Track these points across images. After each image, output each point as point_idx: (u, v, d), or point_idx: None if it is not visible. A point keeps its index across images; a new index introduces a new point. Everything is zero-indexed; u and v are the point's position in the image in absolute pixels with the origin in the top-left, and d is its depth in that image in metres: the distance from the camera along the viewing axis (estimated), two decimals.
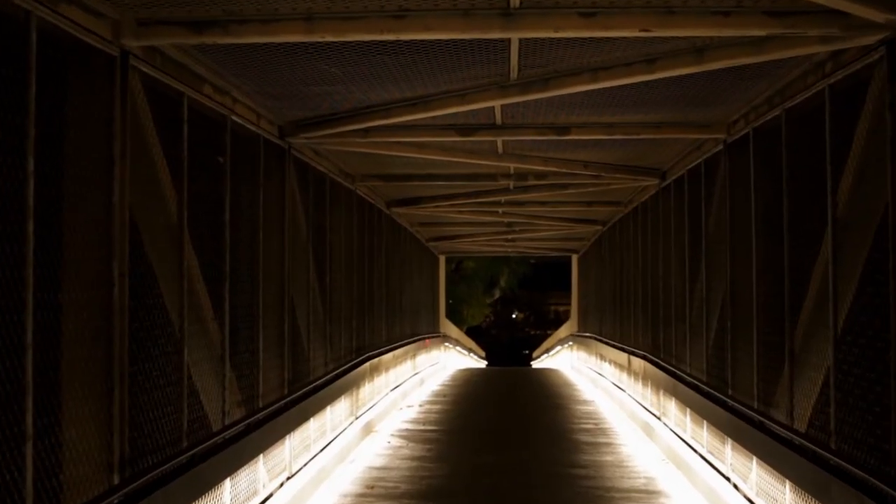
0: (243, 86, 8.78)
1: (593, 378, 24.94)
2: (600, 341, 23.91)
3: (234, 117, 9.01)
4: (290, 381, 11.19)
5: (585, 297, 31.27)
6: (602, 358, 23.95)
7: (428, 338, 27.34)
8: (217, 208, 8.64)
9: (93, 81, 6.17)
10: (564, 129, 11.08)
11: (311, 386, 11.74)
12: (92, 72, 6.18)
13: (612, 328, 22.51)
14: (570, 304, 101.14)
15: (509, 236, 27.82)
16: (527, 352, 71.14)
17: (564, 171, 14.26)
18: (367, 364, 15.96)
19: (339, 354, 14.52)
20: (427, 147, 12.65)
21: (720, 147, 11.34)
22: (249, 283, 9.61)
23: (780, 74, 8.70)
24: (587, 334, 27.97)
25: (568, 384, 25.65)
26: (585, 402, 20.74)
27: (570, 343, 34.36)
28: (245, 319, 9.45)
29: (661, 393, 15.10)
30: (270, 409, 9.77)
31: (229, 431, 8.27)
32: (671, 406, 14.32)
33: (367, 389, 16.69)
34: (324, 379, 12.52)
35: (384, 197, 19.13)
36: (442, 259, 35.34)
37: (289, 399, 10.54)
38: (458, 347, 38.70)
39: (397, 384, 20.80)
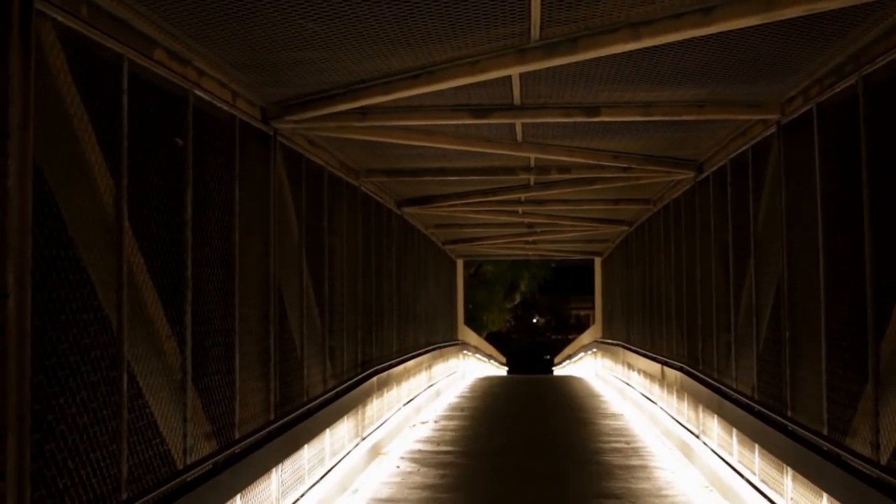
0: (208, 53, 7.28)
1: (620, 388, 23.38)
2: (627, 349, 22.35)
3: (198, 92, 7.51)
4: (279, 404, 9.68)
5: (610, 303, 29.68)
6: (630, 367, 22.38)
7: (444, 347, 25.82)
8: (175, 203, 7.15)
9: None
10: (593, 110, 9.53)
11: (305, 408, 10.23)
12: None
13: (640, 336, 20.94)
14: (591, 307, 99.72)
15: (530, 238, 26.27)
16: (548, 357, 69.89)
17: (591, 162, 12.72)
18: (375, 379, 14.45)
19: (342, 370, 13.02)
20: (436, 134, 11.14)
21: (772, 130, 9.77)
22: (221, 291, 8.10)
23: (855, 36, 7.17)
24: (613, 342, 26.39)
25: (593, 395, 24.08)
26: (614, 415, 19.18)
27: (594, 350, 32.79)
28: (216, 335, 7.94)
29: (701, 409, 13.55)
30: (249, 440, 8.26)
31: (190, 473, 6.77)
32: (713, 424, 12.76)
33: (374, 406, 15.19)
34: (321, 399, 11.01)
35: (394, 195, 17.63)
36: (460, 263, 33.81)
37: (275, 426, 9.03)
38: (477, 355, 37.22)
39: (410, 398, 19.30)
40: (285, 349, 10.16)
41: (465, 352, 32.61)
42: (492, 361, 42.60)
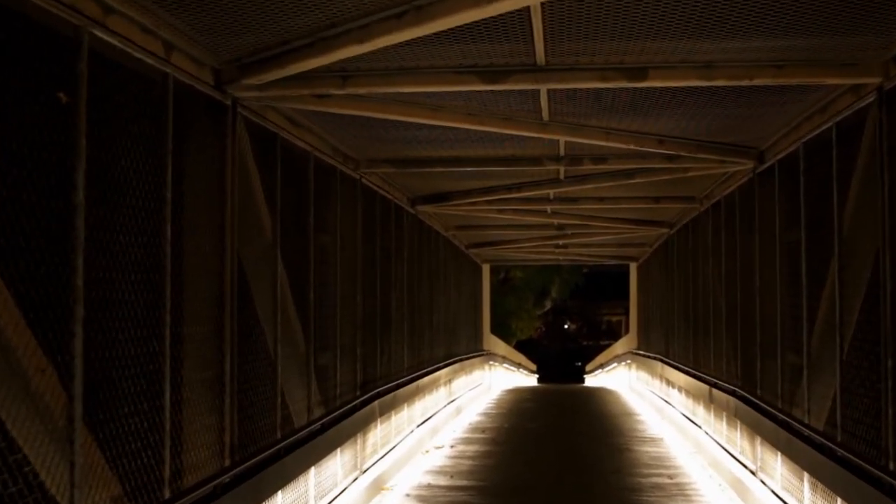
0: None
1: (658, 406, 21.23)
2: (666, 363, 20.20)
3: (100, 34, 5.50)
4: (237, 446, 7.65)
5: (646, 311, 27.49)
6: (669, 384, 20.24)
7: (467, 359, 23.74)
8: (57, 182, 5.13)
9: None
10: (639, 73, 7.45)
11: (276, 448, 8.20)
12: None
13: (682, 350, 18.80)
14: (623, 313, 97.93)
15: (560, 241, 24.15)
16: (579, 364, 68.03)
17: (632, 148, 10.64)
18: (376, 403, 12.40)
19: (335, 394, 10.98)
20: (443, 110, 9.08)
21: (869, 99, 7.65)
22: (141, 304, 6.08)
23: None
24: (650, 354, 24.23)
25: (629, 413, 21.92)
26: (653, 439, 17.04)
27: (629, 361, 30.63)
28: (131, 362, 5.91)
29: (760, 442, 11.43)
30: (185, 499, 6.25)
31: None
32: (775, 463, 10.65)
33: (378, 433, 13.15)
34: (301, 434, 8.97)
35: (405, 191, 15.59)
36: (486, 268, 31.70)
37: (229, 476, 7.00)
38: (505, 364, 35.19)
39: (425, 418, 17.25)
40: (249, 374, 8.13)
41: (490, 362, 30.54)
42: (521, 370, 40.66)
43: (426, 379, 17.06)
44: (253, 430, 8.12)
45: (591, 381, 47.34)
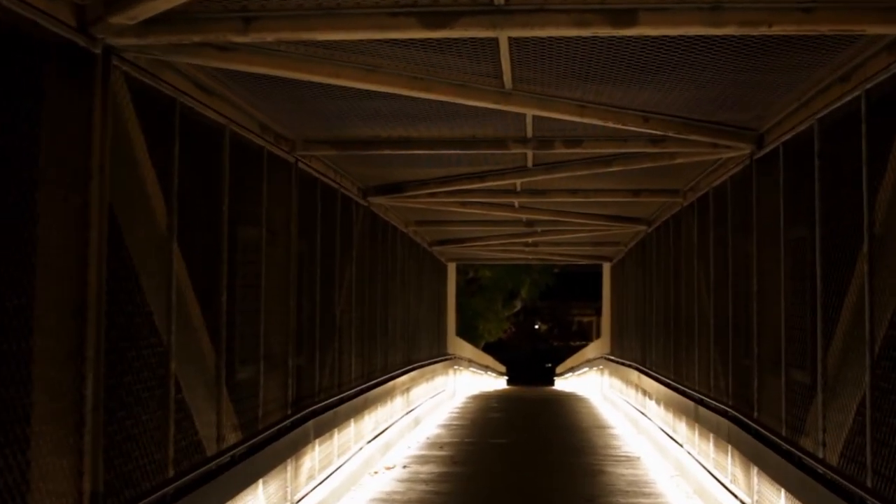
0: None
1: (633, 417, 19.61)
2: (643, 372, 18.57)
3: None
4: (103, 494, 5.92)
5: (620, 315, 25.87)
6: (646, 394, 18.61)
7: (428, 365, 22.04)
8: None
9: None
10: (627, 16, 5.74)
11: (160, 493, 6.47)
12: None
13: (661, 359, 17.17)
14: (594, 314, 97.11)
15: (530, 240, 22.49)
16: (549, 365, 66.72)
17: (611, 125, 8.95)
18: (311, 424, 10.66)
19: (256, 415, 9.26)
20: (379, 71, 7.37)
21: None
22: None
23: None
24: (625, 361, 22.60)
25: (602, 426, 20.27)
26: (629, 458, 15.39)
27: (601, 367, 29.03)
28: None
29: (756, 472, 9.80)
30: None
31: None
32: (777, 499, 9.02)
33: (315, 456, 11.43)
34: (197, 473, 7.23)
35: (355, 180, 13.88)
36: (451, 267, 30.01)
37: None
38: (471, 368, 33.58)
39: (376, 433, 15.55)
40: (128, 400, 6.40)
41: (455, 367, 28.87)
42: (489, 373, 39.20)
43: (379, 390, 15.34)
44: (131, 471, 6.39)
45: (561, 384, 45.82)
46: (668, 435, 15.69)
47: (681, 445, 14.53)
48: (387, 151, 10.69)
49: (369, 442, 14.88)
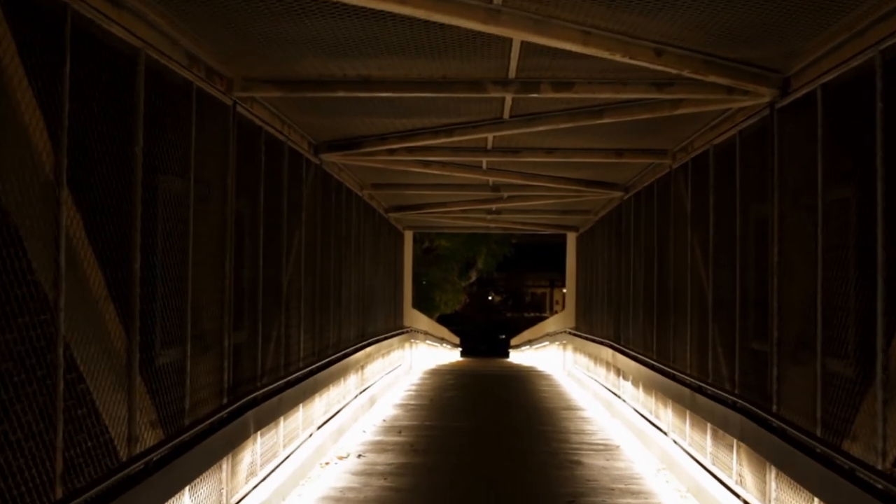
0: None
1: (606, 400, 18.16)
2: (618, 350, 17.09)
3: None
4: None
5: (588, 288, 24.39)
6: (620, 374, 17.17)
7: (384, 339, 20.43)
8: None
9: None
10: None
11: None
12: None
13: (640, 336, 15.69)
14: (547, 286, 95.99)
15: (493, 206, 20.92)
16: (503, 337, 65.61)
17: (618, 59, 7.36)
18: (251, 414, 9.01)
19: (182, 406, 7.63)
20: None
21: None
22: None
23: None
24: (594, 337, 21.13)
25: (572, 407, 18.76)
26: (607, 447, 13.90)
27: (564, 342, 27.62)
28: None
29: (775, 476, 8.33)
30: None
31: None
32: None
33: (257, 450, 9.82)
34: (97, 489, 5.60)
35: (306, 133, 12.22)
36: (408, 235, 28.38)
37: None
38: (428, 340, 32.10)
39: (328, 417, 13.97)
40: None
41: (412, 340, 27.32)
42: (444, 345, 37.90)
43: (331, 369, 13.72)
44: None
45: (517, 357, 44.47)
46: (649, 421, 14.23)
47: (665, 434, 13.08)
48: (341, 94, 9.03)
49: (320, 427, 13.30)
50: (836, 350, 7.31)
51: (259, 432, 9.72)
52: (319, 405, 13.38)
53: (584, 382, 21.97)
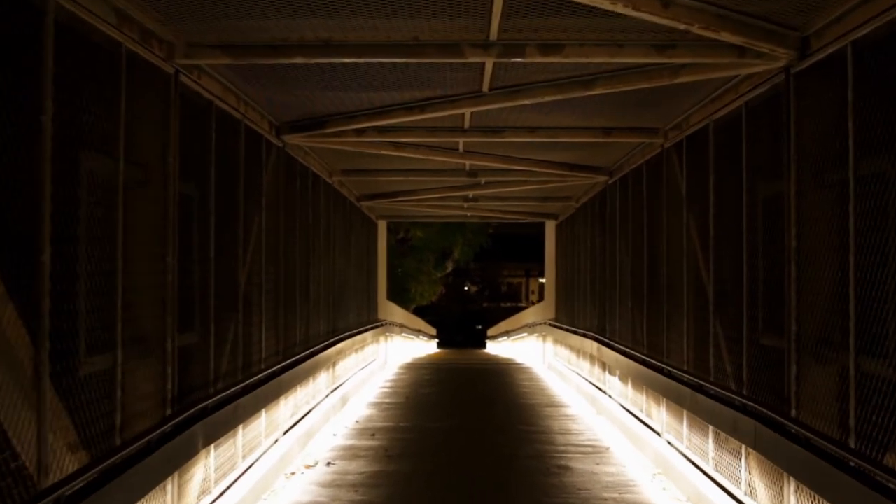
0: None
1: (591, 395, 17.16)
2: (605, 344, 16.06)
3: None
4: None
5: (569, 278, 23.36)
6: (606, 368, 16.17)
7: (357, 334, 19.36)
8: None
9: None
10: None
11: None
12: None
13: (629, 329, 14.68)
14: (523, 276, 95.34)
15: (470, 193, 19.87)
16: (480, 327, 64.79)
17: (619, 9, 6.31)
18: (199, 427, 7.92)
19: (112, 423, 6.55)
20: None
21: None
22: None
23: None
24: (577, 329, 20.12)
25: (555, 404, 17.73)
26: (596, 448, 12.88)
27: (543, 333, 26.65)
28: None
29: (794, 491, 7.33)
30: None
31: None
32: None
33: (210, 464, 8.73)
34: None
35: (265, 110, 11.14)
36: (381, 225, 27.29)
37: None
38: (404, 333, 31.11)
39: (295, 420, 12.91)
40: None
41: (387, 333, 26.27)
42: (420, 336, 37.07)
43: (298, 369, 12.64)
44: None
45: (495, 348, 43.52)
46: (640, 420, 13.23)
47: (659, 434, 12.09)
48: (299, 60, 7.94)
49: (287, 432, 12.24)
50: (872, 347, 6.30)
51: (213, 445, 8.65)
52: (285, 408, 12.31)
53: (567, 376, 20.98)
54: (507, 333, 39.73)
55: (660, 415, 12.06)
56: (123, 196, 6.72)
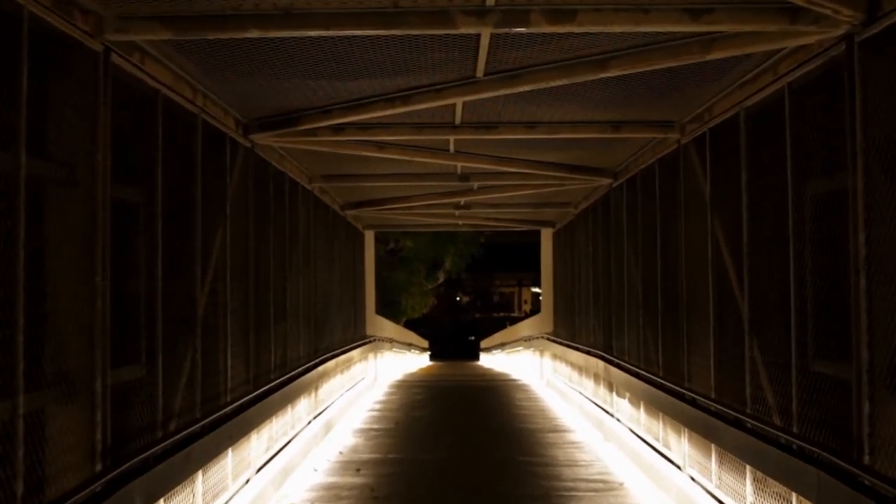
0: None
1: (597, 418, 15.72)
2: (616, 365, 14.61)
3: None
4: None
5: (567, 290, 21.94)
6: (613, 389, 14.76)
7: (341, 353, 17.93)
8: None
9: None
10: None
11: None
12: None
13: (640, 348, 13.29)
14: (515, 285, 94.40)
15: (462, 200, 18.49)
16: (473, 338, 63.47)
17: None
18: (136, 484, 6.47)
19: (13, 491, 5.12)
20: None
21: None
22: None
23: None
24: (580, 346, 18.70)
25: (558, 428, 16.24)
26: (608, 486, 11.42)
27: (540, 348, 25.27)
28: None
29: None
30: None
31: None
32: None
33: None
34: None
35: (228, 103, 9.73)
36: (369, 236, 25.85)
37: None
38: (394, 348, 29.72)
39: (270, 455, 11.47)
40: None
41: (376, 350, 24.85)
42: (412, 350, 35.83)
43: (272, 398, 11.20)
44: None
45: (488, 360, 42.14)
46: (656, 450, 11.81)
47: (680, 468, 10.68)
48: (255, 34, 6.53)
49: (260, 470, 10.81)
50: None
51: (163, 499, 7.22)
52: (258, 443, 10.88)
53: (567, 395, 19.56)
54: (501, 346, 38.39)
55: (681, 446, 10.65)
56: (27, 198, 5.31)
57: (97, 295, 6.29)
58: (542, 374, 24.85)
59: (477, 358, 48.68)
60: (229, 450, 9.43)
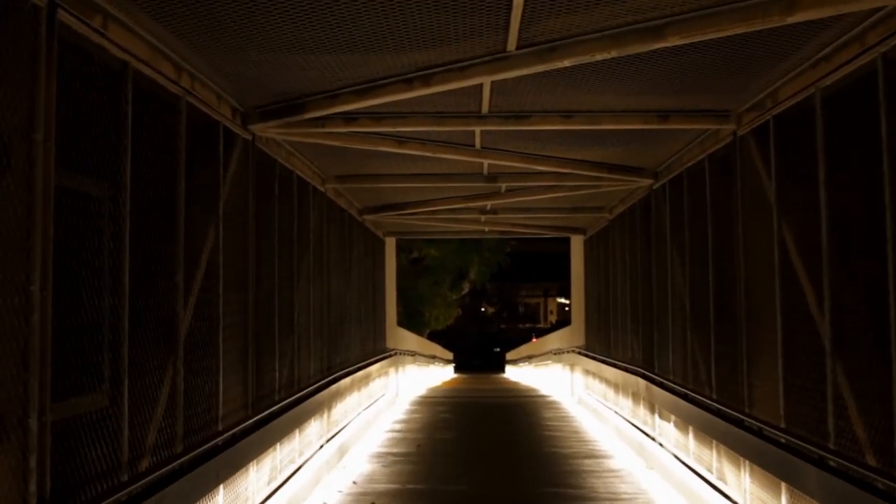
0: None
1: (638, 443, 14.35)
2: (660, 385, 13.25)
3: None
4: None
5: (601, 301, 20.56)
6: (656, 411, 13.43)
7: (359, 369, 16.64)
8: None
9: None
10: None
11: None
12: None
13: (688, 367, 11.94)
14: (541, 295, 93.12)
15: (488, 204, 17.20)
16: (498, 350, 62.38)
17: None
18: None
19: None
20: None
21: None
22: None
23: None
24: (618, 363, 17.35)
25: (594, 454, 14.82)
26: None
27: (571, 362, 23.96)
28: None
29: None
30: None
31: None
32: None
33: None
34: None
35: (224, 88, 8.47)
36: (390, 243, 24.59)
37: None
38: (417, 361, 28.48)
39: (274, 487, 10.20)
40: None
41: (398, 364, 23.60)
42: (436, 363, 34.70)
43: (273, 424, 9.92)
44: None
45: (514, 373, 40.91)
46: (709, 483, 10.46)
47: None
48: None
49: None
50: None
51: None
52: (257, 475, 9.60)
53: (602, 414, 18.20)
54: (528, 358, 37.16)
55: (740, 481, 9.30)
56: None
57: (33, 308, 5.02)
58: (573, 391, 23.51)
59: (502, 370, 47.45)
60: (221, 486, 8.14)
